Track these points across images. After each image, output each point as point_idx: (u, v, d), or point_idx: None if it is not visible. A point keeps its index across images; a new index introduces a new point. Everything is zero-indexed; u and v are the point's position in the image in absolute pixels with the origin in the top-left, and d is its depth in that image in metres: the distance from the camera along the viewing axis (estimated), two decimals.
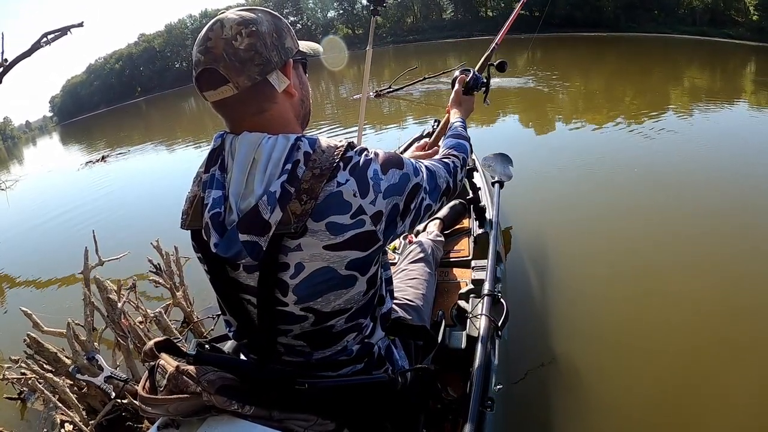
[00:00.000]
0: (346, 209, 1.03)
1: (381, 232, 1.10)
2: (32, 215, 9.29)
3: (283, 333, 1.17)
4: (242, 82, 1.03)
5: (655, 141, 6.69)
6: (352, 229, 1.04)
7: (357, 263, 1.09)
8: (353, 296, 1.15)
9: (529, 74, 14.77)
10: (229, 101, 1.07)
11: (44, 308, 3.96)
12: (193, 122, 24.20)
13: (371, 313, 1.26)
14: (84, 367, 2.46)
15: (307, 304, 1.11)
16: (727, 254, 3.53)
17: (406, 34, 56.65)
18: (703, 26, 30.75)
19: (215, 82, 1.04)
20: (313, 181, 1.02)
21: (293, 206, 1.00)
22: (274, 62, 1.07)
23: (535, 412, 2.40)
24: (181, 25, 74.85)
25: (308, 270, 1.06)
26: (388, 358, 1.38)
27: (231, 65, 1.02)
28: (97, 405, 2.66)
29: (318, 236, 1.03)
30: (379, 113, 12.30)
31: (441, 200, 1.34)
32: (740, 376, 2.46)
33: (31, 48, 10.90)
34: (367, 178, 1.07)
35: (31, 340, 2.68)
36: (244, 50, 1.02)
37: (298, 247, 1.04)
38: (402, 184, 1.14)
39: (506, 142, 7.55)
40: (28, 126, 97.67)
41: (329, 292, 1.10)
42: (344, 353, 1.23)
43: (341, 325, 1.18)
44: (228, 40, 1.02)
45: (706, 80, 13.44)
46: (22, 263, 6.20)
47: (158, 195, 8.44)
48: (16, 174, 17.30)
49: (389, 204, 1.10)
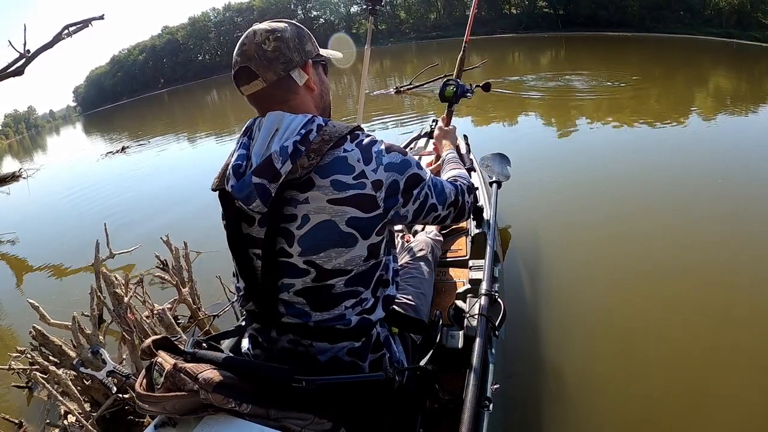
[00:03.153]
0: (349, 171, 1.20)
1: (381, 200, 1.24)
2: (51, 205, 9.44)
3: (285, 288, 1.26)
4: (269, 77, 1.26)
5: (661, 146, 6.61)
6: (353, 188, 1.20)
7: (357, 223, 1.21)
8: (353, 258, 1.24)
9: (550, 72, 14.63)
10: (259, 93, 1.29)
11: (54, 299, 4.01)
12: (216, 114, 24.44)
13: (373, 288, 1.33)
14: (88, 360, 2.48)
15: (310, 258, 1.22)
16: (728, 260, 3.49)
17: (429, 30, 56.68)
18: (729, 28, 30.39)
19: (249, 78, 1.27)
20: (322, 144, 1.21)
21: (302, 161, 1.18)
22: (295, 61, 1.29)
23: (532, 412, 2.41)
24: (204, 18, 75.43)
25: (313, 222, 1.19)
26: (386, 345, 1.42)
27: (260, 63, 1.25)
28: (100, 398, 2.67)
29: (323, 191, 1.18)
30: (399, 107, 12.33)
31: (449, 210, 1.48)
32: (738, 380, 2.44)
33: (53, 40, 11.03)
34: (371, 151, 1.25)
35: (36, 332, 2.70)
36: (270, 51, 1.26)
37: (306, 200, 1.19)
38: (402, 165, 1.30)
39: (506, 142, 7.57)
40: (52, 115, 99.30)
41: (331, 248, 1.21)
42: (342, 321, 1.29)
43: (341, 288, 1.26)
44: (258, 44, 1.26)
45: (731, 83, 13.22)
46: (39, 252, 6.28)
47: (175, 188, 8.50)
48: (38, 163, 17.48)
49: (389, 178, 1.26)
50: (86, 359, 2.48)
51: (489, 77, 2.95)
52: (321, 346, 1.31)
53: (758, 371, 2.48)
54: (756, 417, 2.24)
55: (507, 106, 10.44)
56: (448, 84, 2.58)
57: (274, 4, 68.98)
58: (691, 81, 12.85)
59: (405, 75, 18.28)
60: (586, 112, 9.16)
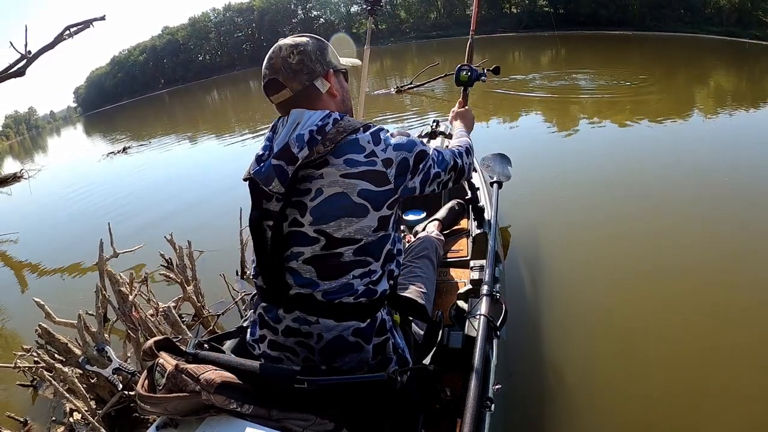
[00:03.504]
0: (361, 151, 1.34)
1: (392, 176, 1.37)
2: (53, 205, 9.45)
3: (294, 257, 1.35)
4: (295, 87, 1.42)
5: (662, 145, 6.59)
6: (365, 165, 1.33)
7: (369, 195, 1.33)
8: (363, 227, 1.34)
9: (553, 72, 14.61)
10: (287, 101, 1.44)
11: (59, 299, 4.01)
12: (216, 114, 24.41)
13: (382, 261, 1.42)
14: (93, 358, 2.48)
15: (320, 227, 1.32)
16: (729, 260, 3.48)
17: (429, 29, 56.51)
18: (729, 26, 30.32)
19: (277, 88, 1.43)
20: (337, 134, 1.34)
21: (318, 148, 1.32)
22: (318, 71, 1.44)
23: (533, 412, 2.40)
24: (204, 19, 75.26)
25: (326, 194, 1.31)
26: (390, 331, 1.47)
27: (287, 75, 1.41)
28: (105, 395, 2.69)
29: (337, 167, 1.31)
30: (400, 107, 12.32)
31: (450, 174, 1.61)
32: (738, 379, 2.44)
33: (54, 41, 11.00)
34: (379, 135, 1.38)
35: (42, 330, 2.71)
36: (295, 64, 1.41)
37: (320, 175, 1.32)
38: (410, 144, 1.43)
39: (507, 141, 7.61)
40: (53, 116, 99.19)
41: (342, 217, 1.31)
42: (350, 291, 1.36)
43: (349, 256, 1.34)
44: (284, 57, 1.41)
45: (731, 82, 13.20)
46: (42, 252, 6.29)
47: (177, 188, 8.51)
48: (39, 163, 17.47)
49: (398, 156, 1.38)
50: (92, 357, 2.48)
51: (492, 76, 2.96)
52: (327, 324, 1.36)
53: (759, 371, 2.48)
54: (757, 416, 2.24)
55: (509, 105, 10.44)
56: (462, 69, 2.67)
57: (274, 4, 68.88)
58: (692, 80, 12.83)
59: (405, 74, 18.25)
60: (588, 112, 9.15)
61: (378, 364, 1.44)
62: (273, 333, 1.43)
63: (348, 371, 1.39)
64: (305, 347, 1.40)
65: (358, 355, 1.40)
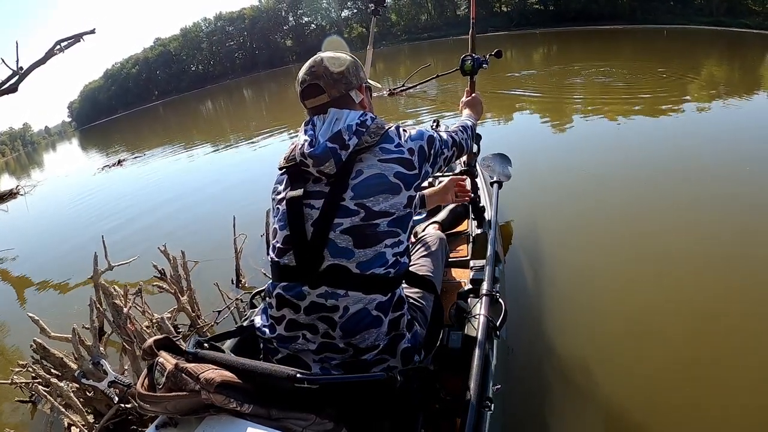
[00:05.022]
0: (391, 141, 1.53)
1: (416, 162, 1.55)
2: (49, 220, 9.45)
3: (334, 227, 1.43)
4: (333, 93, 1.57)
5: (661, 138, 6.55)
6: (395, 153, 1.51)
7: (402, 176, 1.49)
8: (396, 203, 1.47)
9: (544, 68, 14.62)
10: (322, 106, 1.58)
11: (54, 313, 4.01)
12: (210, 124, 24.39)
13: (407, 233, 1.55)
14: (89, 371, 2.49)
15: (361, 201, 1.43)
16: (732, 255, 3.43)
17: (420, 31, 56.65)
18: (719, 16, 30.38)
19: (316, 93, 1.58)
20: (377, 128, 1.53)
21: (365, 138, 1.49)
22: (354, 84, 1.62)
23: (533, 412, 2.39)
24: (196, 29, 75.48)
25: (366, 174, 1.46)
26: (406, 308, 1.56)
27: (327, 82, 1.57)
28: (102, 408, 2.67)
29: (374, 153, 1.49)
30: (394, 110, 12.32)
31: (452, 150, 1.83)
32: (748, 380, 2.41)
33: (46, 56, 11.03)
34: (401, 132, 1.58)
35: (37, 345, 2.71)
36: (336, 74, 1.57)
37: (360, 159, 1.48)
38: (420, 134, 1.61)
39: (505, 141, 7.54)
40: (48, 131, 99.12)
41: (380, 193, 1.45)
42: (381, 261, 1.45)
43: (384, 227, 1.46)
44: (326, 67, 1.57)
45: (723, 71, 13.21)
46: (39, 267, 6.28)
47: (171, 199, 8.45)
48: (35, 179, 17.44)
49: (417, 145, 1.57)
50: (88, 371, 2.49)
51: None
52: (355, 296, 1.43)
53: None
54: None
55: (505, 104, 10.42)
56: (465, 60, 2.87)
57: (265, 12, 68.97)
58: (688, 71, 12.81)
59: (398, 77, 18.21)
60: (592, 108, 9.08)
61: (391, 340, 1.49)
62: (294, 311, 1.47)
63: (364, 349, 1.45)
64: (327, 322, 1.44)
65: (377, 330, 1.45)
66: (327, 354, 1.46)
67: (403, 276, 1.55)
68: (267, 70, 64.63)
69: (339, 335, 1.43)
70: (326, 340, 1.45)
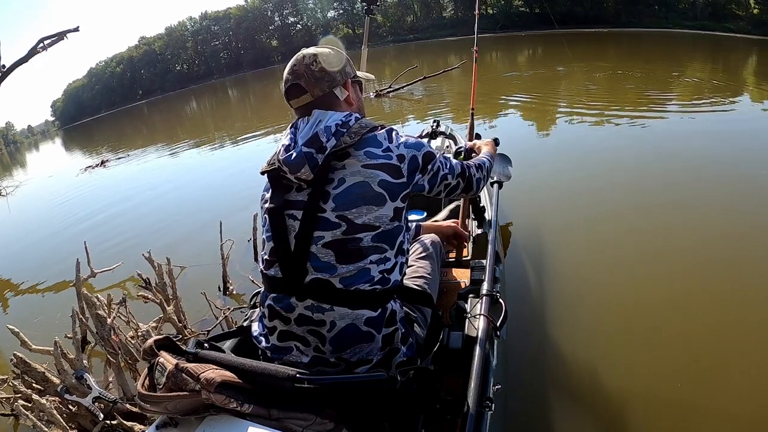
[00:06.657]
0: (379, 145, 1.46)
1: (405, 170, 1.48)
2: (32, 222, 9.32)
3: (315, 241, 1.40)
4: (316, 93, 1.53)
5: (655, 137, 6.75)
6: (382, 158, 1.44)
7: (387, 185, 1.42)
8: (381, 215, 1.41)
9: (530, 70, 14.70)
10: (306, 106, 1.54)
11: (37, 322, 3.92)
12: (195, 123, 24.32)
13: (395, 249, 1.48)
14: (72, 386, 2.41)
15: (342, 213, 1.39)
16: (732, 255, 3.48)
17: (406, 33, 56.79)
18: (704, 20, 30.78)
19: (298, 92, 1.54)
20: (360, 129, 1.47)
21: (344, 139, 1.43)
22: (337, 80, 1.57)
23: (534, 412, 2.41)
24: (181, 28, 74.96)
25: (348, 183, 1.40)
26: (399, 322, 1.52)
27: (309, 81, 1.52)
28: (87, 424, 2.59)
29: (358, 158, 1.42)
30: (380, 112, 12.28)
31: (458, 180, 1.73)
32: (748, 380, 2.42)
33: (28, 54, 10.88)
34: (392, 135, 1.51)
35: (18, 360, 2.62)
36: (317, 72, 1.53)
37: (343, 166, 1.42)
38: (418, 145, 1.55)
39: (505, 141, 7.50)
40: (30, 131, 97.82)
41: (363, 205, 1.39)
42: (366, 277, 1.41)
43: (368, 242, 1.41)
44: (307, 65, 1.53)
45: (707, 74, 13.32)
46: (20, 271, 6.13)
47: (156, 202, 8.36)
48: (17, 179, 17.24)
49: (409, 153, 1.50)
50: (71, 385, 2.41)
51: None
52: (341, 311, 1.40)
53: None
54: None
55: (499, 106, 10.47)
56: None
57: (250, 12, 68.82)
58: (684, 74, 12.94)
59: (384, 78, 18.24)
60: (593, 109, 9.17)
61: (385, 355, 1.48)
62: (285, 323, 1.46)
63: (356, 363, 1.45)
64: (317, 336, 1.43)
65: (368, 345, 1.44)
66: (320, 368, 1.45)
67: (394, 291, 1.50)
68: (252, 70, 64.30)
69: (329, 350, 1.44)
70: (318, 354, 1.45)
